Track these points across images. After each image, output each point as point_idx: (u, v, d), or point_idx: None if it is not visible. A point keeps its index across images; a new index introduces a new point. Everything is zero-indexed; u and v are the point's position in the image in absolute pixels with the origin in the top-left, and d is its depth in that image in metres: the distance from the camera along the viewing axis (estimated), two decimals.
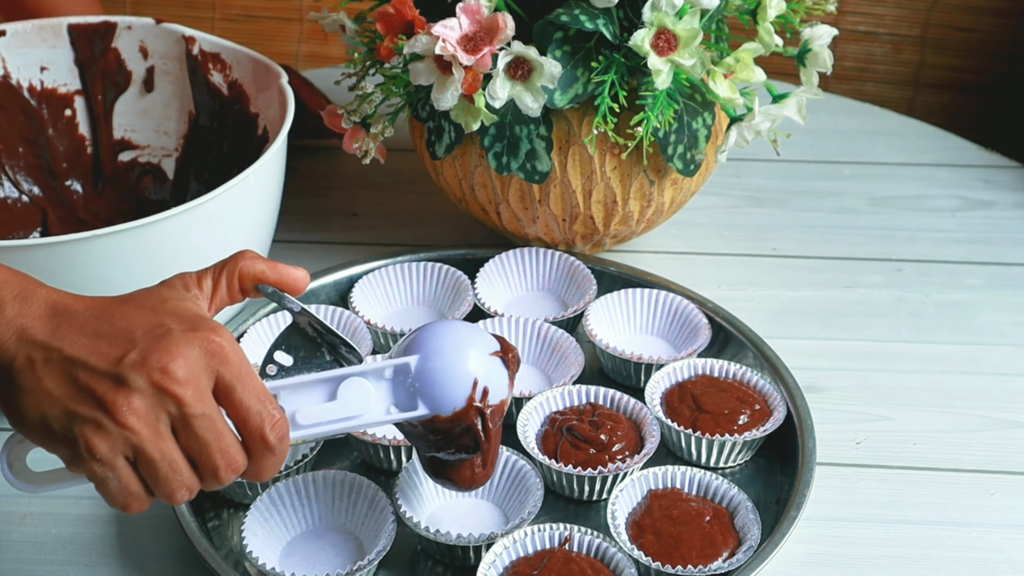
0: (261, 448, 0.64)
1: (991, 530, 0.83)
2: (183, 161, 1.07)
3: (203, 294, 0.67)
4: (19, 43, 1.03)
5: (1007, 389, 0.95)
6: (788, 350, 0.93)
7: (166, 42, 1.04)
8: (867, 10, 1.76)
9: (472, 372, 0.70)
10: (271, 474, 0.65)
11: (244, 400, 0.63)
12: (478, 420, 0.70)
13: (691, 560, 0.76)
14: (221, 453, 0.62)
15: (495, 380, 0.71)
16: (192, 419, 0.61)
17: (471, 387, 0.70)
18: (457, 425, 0.70)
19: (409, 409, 0.70)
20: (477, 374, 0.70)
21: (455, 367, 0.70)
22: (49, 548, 0.81)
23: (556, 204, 0.97)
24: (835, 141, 1.28)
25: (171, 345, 0.61)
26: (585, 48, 0.91)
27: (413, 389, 0.70)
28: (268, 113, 0.98)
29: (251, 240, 0.93)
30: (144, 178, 1.08)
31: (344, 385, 0.69)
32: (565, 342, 0.93)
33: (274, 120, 0.95)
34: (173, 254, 0.84)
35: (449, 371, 0.70)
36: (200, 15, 1.84)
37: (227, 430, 0.63)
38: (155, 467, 0.61)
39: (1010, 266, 1.09)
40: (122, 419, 0.60)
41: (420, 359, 0.70)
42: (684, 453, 0.87)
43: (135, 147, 1.07)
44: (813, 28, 0.93)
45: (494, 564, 0.76)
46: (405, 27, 0.90)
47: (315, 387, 0.69)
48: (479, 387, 0.70)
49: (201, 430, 0.61)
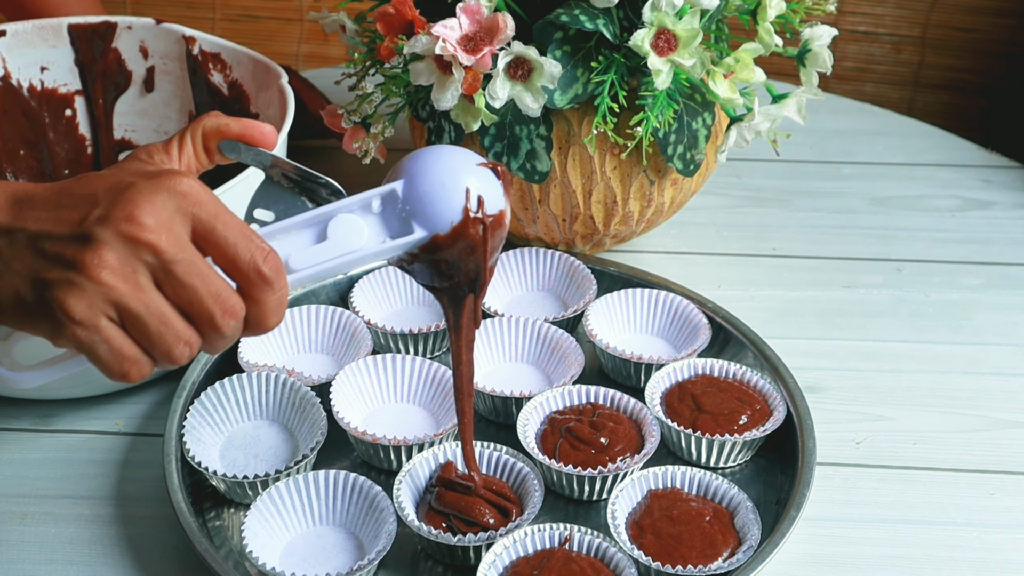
0: (259, 284, 0.60)
1: (991, 530, 0.83)
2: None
3: (169, 159, 0.65)
4: (19, 43, 1.03)
5: (1007, 389, 0.95)
6: (788, 350, 0.93)
7: (166, 42, 1.04)
8: (867, 10, 1.76)
9: (463, 182, 0.66)
10: (277, 317, 0.62)
11: (228, 237, 0.59)
12: (479, 230, 0.67)
13: (691, 560, 0.76)
14: (212, 297, 0.58)
15: (488, 188, 0.68)
16: (171, 265, 0.57)
17: (464, 197, 0.66)
18: (459, 241, 0.67)
19: (405, 235, 0.67)
20: (468, 184, 0.67)
21: (443, 181, 0.66)
22: (49, 548, 0.81)
23: (556, 204, 0.97)
24: (835, 141, 1.28)
25: (135, 195, 0.57)
26: (585, 48, 0.91)
27: (405, 213, 0.67)
28: (268, 113, 0.98)
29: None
30: None
31: (333, 223, 0.66)
32: (565, 342, 0.93)
33: (274, 120, 0.95)
34: None
35: (438, 186, 0.66)
36: (200, 15, 1.84)
37: (213, 272, 0.59)
38: (143, 322, 0.57)
39: (1010, 266, 1.09)
40: (95, 275, 0.56)
41: (406, 182, 0.67)
42: (684, 453, 0.87)
43: (135, 147, 1.07)
44: (813, 28, 0.93)
45: (494, 564, 0.76)
46: (405, 27, 0.90)
47: (303, 232, 0.66)
48: (472, 196, 0.67)
49: (184, 275, 0.58)
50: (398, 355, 0.90)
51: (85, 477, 0.86)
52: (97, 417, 0.90)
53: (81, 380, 0.87)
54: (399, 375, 0.90)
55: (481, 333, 0.93)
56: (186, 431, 0.83)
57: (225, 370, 0.90)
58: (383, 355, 0.90)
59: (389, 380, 0.90)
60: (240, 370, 0.90)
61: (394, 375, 0.89)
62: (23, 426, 0.89)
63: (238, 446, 0.86)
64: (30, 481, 0.85)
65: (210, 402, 0.86)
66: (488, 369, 0.93)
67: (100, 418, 0.90)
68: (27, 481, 0.85)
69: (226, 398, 0.87)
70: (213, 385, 0.86)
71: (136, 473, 0.86)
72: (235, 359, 0.91)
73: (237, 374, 0.87)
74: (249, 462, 0.84)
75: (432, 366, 0.89)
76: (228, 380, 0.87)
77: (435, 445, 0.84)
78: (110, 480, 0.86)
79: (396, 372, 0.89)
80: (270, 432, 0.87)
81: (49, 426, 0.90)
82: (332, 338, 0.95)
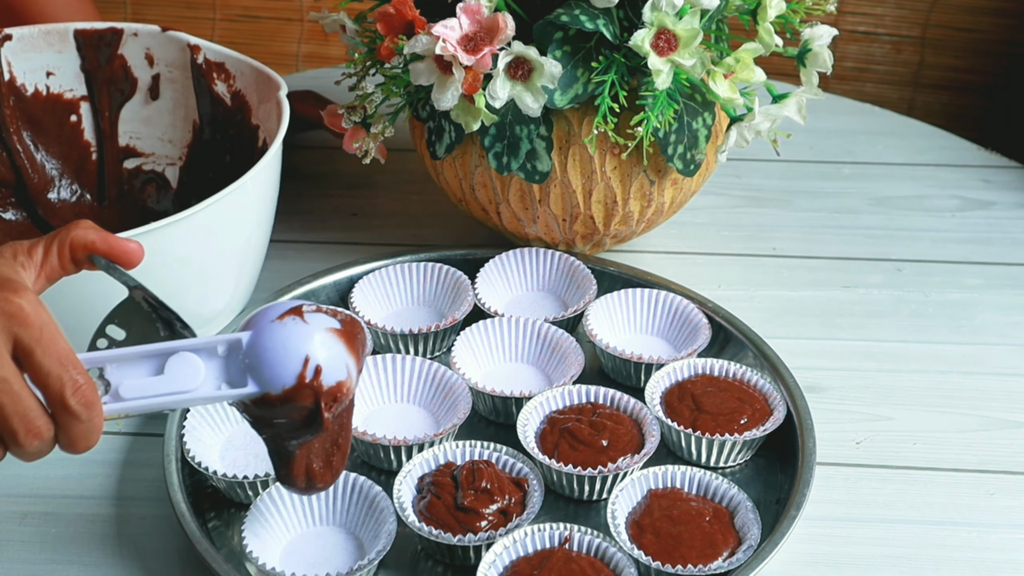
0: (64, 415, 0.61)
1: (991, 530, 0.83)
2: (186, 171, 1.06)
3: (32, 262, 0.66)
4: (25, 48, 1.03)
5: (1007, 389, 0.95)
6: (788, 350, 0.93)
7: (171, 50, 1.04)
8: (867, 10, 1.76)
9: (304, 349, 0.66)
10: (85, 444, 0.63)
11: (44, 364, 0.60)
12: (311, 401, 0.67)
13: (691, 560, 0.76)
14: (19, 417, 0.61)
15: (331, 359, 0.67)
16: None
17: (302, 364, 0.66)
18: (290, 406, 0.67)
19: (240, 386, 0.67)
20: (309, 351, 0.66)
21: (285, 343, 0.66)
22: (49, 548, 0.81)
23: (556, 204, 0.97)
24: (835, 141, 1.28)
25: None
26: (585, 48, 0.91)
27: (244, 365, 0.66)
28: (267, 125, 0.98)
29: (248, 245, 0.93)
30: (148, 186, 1.07)
31: (173, 359, 0.66)
32: (565, 342, 0.93)
33: (273, 133, 0.95)
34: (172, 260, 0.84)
35: (280, 347, 0.66)
36: (201, 15, 1.84)
37: (26, 393, 0.61)
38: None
39: (1010, 266, 1.09)
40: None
41: (253, 334, 0.67)
42: (684, 453, 0.87)
43: (140, 155, 1.07)
44: (813, 28, 0.93)
45: (494, 564, 0.76)
46: (405, 27, 0.90)
47: (144, 361, 0.66)
48: (310, 365, 0.66)
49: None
50: (398, 355, 0.90)
51: (85, 477, 0.86)
52: None
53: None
54: (399, 375, 0.90)
55: (481, 333, 0.93)
56: (186, 431, 0.83)
57: None
58: (383, 355, 0.90)
59: (389, 380, 0.90)
60: None
61: (394, 375, 0.90)
62: None
63: (238, 446, 0.86)
64: (30, 481, 0.85)
65: None
66: (488, 369, 0.93)
67: None
68: (27, 481, 0.85)
69: None
70: None
71: (136, 473, 0.86)
72: None
73: None
74: (249, 462, 0.84)
75: (432, 366, 0.89)
76: None
77: (435, 445, 0.84)
78: (110, 480, 0.86)
79: (396, 372, 0.89)
80: None
81: None
82: None
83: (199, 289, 0.88)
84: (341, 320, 0.69)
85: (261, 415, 0.68)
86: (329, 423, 0.68)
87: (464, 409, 0.86)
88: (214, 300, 0.91)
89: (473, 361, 0.93)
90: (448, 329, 0.95)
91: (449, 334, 0.96)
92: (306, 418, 0.68)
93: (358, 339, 0.69)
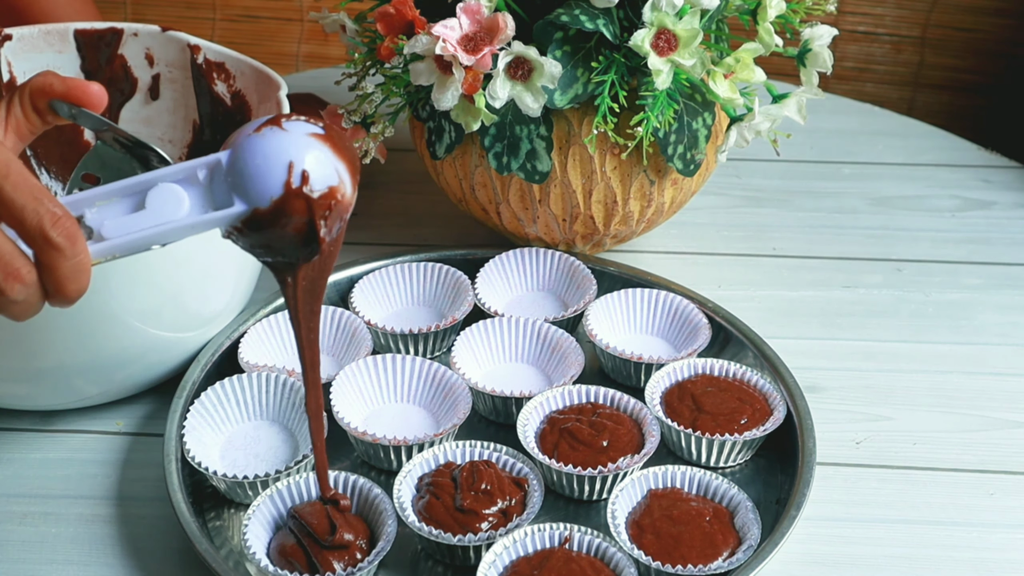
0: (47, 250, 0.57)
1: (991, 530, 0.83)
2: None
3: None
4: (25, 48, 1.03)
5: (1007, 389, 0.95)
6: (788, 350, 0.93)
7: (171, 50, 1.04)
8: (867, 10, 1.76)
9: (286, 156, 0.63)
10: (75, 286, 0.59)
11: (16, 198, 0.56)
12: (305, 208, 0.63)
13: (691, 560, 0.76)
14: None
15: (317, 163, 0.63)
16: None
17: (286, 171, 0.63)
18: (282, 218, 0.63)
19: (226, 207, 0.63)
20: (292, 156, 0.63)
21: (266, 153, 0.63)
22: (49, 548, 0.81)
23: (556, 204, 0.97)
24: (835, 141, 1.28)
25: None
26: (585, 48, 0.91)
27: (228, 185, 0.63)
28: None
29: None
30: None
31: (153, 192, 0.63)
32: (565, 342, 0.93)
33: None
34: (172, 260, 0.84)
35: (260, 158, 0.63)
36: (201, 15, 1.84)
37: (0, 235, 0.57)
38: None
39: (1010, 266, 1.09)
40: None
41: (231, 152, 0.63)
42: (684, 453, 0.87)
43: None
44: (813, 28, 0.93)
45: (494, 564, 0.76)
46: (405, 27, 0.90)
47: (123, 200, 0.63)
48: (295, 171, 0.63)
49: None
50: (398, 355, 0.90)
51: (85, 477, 0.86)
52: (97, 417, 0.90)
53: (77, 395, 0.87)
54: (399, 375, 0.90)
55: (481, 333, 0.93)
56: (186, 431, 0.83)
57: (225, 370, 0.91)
58: (383, 355, 0.90)
59: (389, 380, 0.90)
60: (240, 370, 0.90)
61: (394, 375, 0.90)
62: (23, 426, 0.90)
63: (238, 446, 0.86)
64: (30, 481, 0.85)
65: (210, 402, 0.86)
66: (488, 369, 0.93)
67: (100, 418, 0.90)
68: (27, 481, 0.85)
69: (226, 398, 0.87)
70: (213, 385, 0.86)
71: (136, 473, 0.86)
72: (235, 359, 0.91)
73: (237, 374, 0.88)
74: (249, 462, 0.84)
75: (432, 366, 0.89)
76: (228, 380, 0.87)
77: (435, 445, 0.84)
78: (110, 480, 0.86)
79: (396, 372, 0.90)
80: (270, 432, 0.87)
81: (49, 426, 0.90)
82: (332, 338, 0.95)
83: (199, 289, 0.88)
84: (324, 126, 0.65)
85: (257, 239, 0.65)
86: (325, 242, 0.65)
87: (464, 409, 0.86)
88: (214, 300, 0.91)
89: (473, 361, 0.93)
90: (448, 329, 0.95)
91: (449, 334, 0.96)
92: (304, 233, 0.64)
93: (345, 145, 0.65)
